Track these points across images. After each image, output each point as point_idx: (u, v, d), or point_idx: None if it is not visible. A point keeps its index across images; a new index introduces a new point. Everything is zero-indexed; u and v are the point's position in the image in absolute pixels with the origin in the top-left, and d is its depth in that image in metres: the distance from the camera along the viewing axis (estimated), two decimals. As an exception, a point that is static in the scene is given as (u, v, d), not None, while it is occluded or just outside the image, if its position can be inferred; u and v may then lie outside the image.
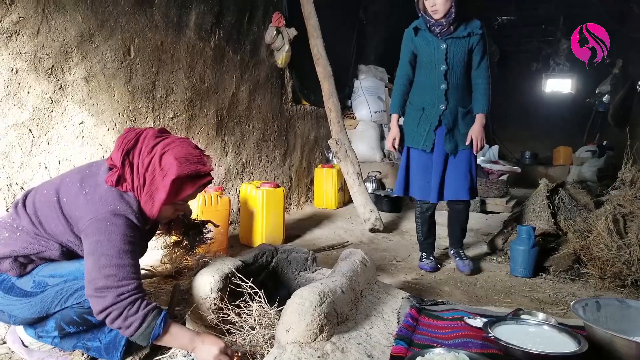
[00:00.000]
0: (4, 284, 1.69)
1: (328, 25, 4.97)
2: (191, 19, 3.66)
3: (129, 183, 1.71)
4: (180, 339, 1.65)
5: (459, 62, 2.93)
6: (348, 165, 4.46)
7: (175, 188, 1.70)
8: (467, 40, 2.91)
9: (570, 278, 3.03)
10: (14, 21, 2.36)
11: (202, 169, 1.75)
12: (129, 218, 1.65)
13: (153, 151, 1.70)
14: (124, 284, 1.56)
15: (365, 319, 1.86)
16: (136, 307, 1.56)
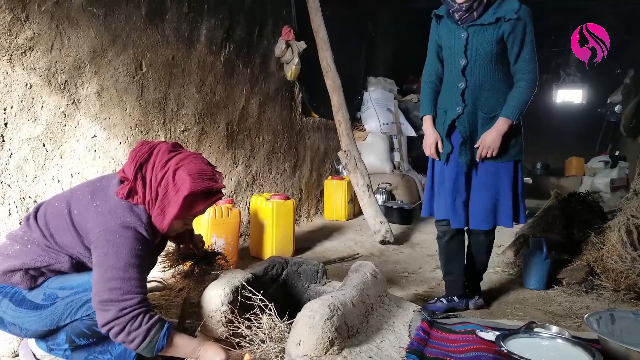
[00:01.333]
0: (16, 296, 1.70)
1: (337, 38, 5.00)
2: (202, 34, 3.70)
3: (140, 196, 1.72)
4: (183, 350, 1.67)
5: (483, 56, 2.38)
6: (358, 176, 4.46)
7: (187, 204, 1.71)
8: (496, 28, 2.32)
9: (584, 290, 2.99)
10: (28, 37, 2.40)
11: (215, 185, 1.76)
12: (138, 231, 1.66)
13: (167, 166, 1.72)
14: (127, 298, 1.57)
15: (376, 332, 1.85)
16: (139, 322, 1.57)
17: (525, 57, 2.36)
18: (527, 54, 2.36)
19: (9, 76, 2.35)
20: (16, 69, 2.37)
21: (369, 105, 6.56)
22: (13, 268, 1.68)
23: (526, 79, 2.38)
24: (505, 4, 2.33)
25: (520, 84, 2.40)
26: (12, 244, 1.72)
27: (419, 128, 6.98)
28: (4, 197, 2.35)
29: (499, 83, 2.44)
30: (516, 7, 2.30)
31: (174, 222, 1.76)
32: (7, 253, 1.70)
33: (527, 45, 2.35)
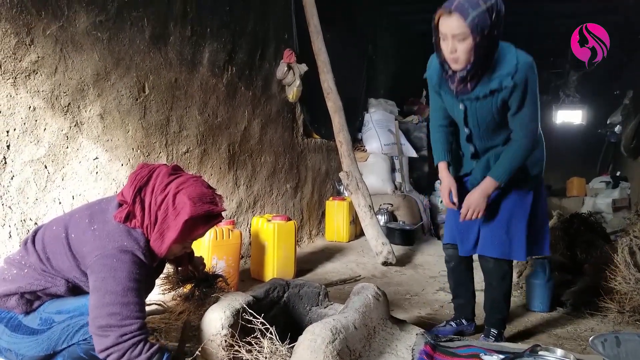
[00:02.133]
0: (11, 322, 1.68)
1: (338, 61, 5.06)
2: (205, 57, 3.75)
3: (138, 220, 1.71)
4: None
5: (486, 125, 2.20)
6: (359, 197, 4.46)
7: (187, 228, 1.70)
8: (493, 99, 2.08)
9: (588, 312, 2.96)
10: (32, 61, 2.43)
11: (215, 209, 1.75)
12: (135, 255, 1.65)
13: (166, 189, 1.71)
14: (127, 324, 1.55)
15: (379, 356, 1.83)
16: (139, 350, 1.55)
17: (524, 118, 2.11)
18: (526, 116, 2.11)
19: (13, 99, 2.37)
20: (20, 91, 2.39)
21: (370, 126, 6.60)
22: (9, 292, 1.66)
23: (522, 142, 2.15)
24: (502, 66, 2.03)
25: (515, 145, 2.17)
26: (9, 268, 1.71)
27: (420, 149, 7.01)
28: (4, 219, 2.35)
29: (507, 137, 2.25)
30: (512, 70, 2.01)
31: (173, 246, 1.75)
32: (4, 277, 1.69)
33: (527, 106, 2.09)
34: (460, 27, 1.90)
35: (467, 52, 1.95)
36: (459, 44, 1.94)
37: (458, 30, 1.91)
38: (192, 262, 2.35)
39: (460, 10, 1.89)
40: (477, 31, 1.89)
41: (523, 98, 2.06)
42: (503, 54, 2.04)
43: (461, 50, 1.95)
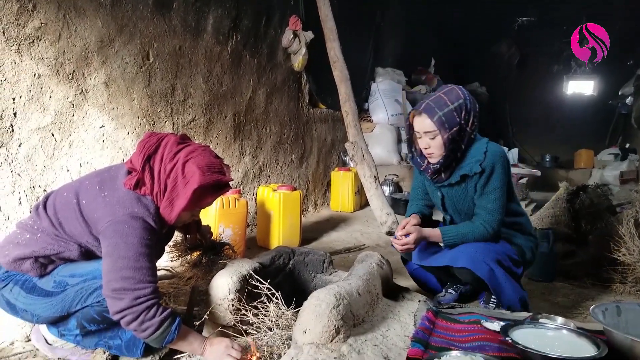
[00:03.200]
0: (27, 284, 1.73)
1: (345, 28, 4.98)
2: (209, 23, 3.70)
3: (147, 187, 1.73)
4: (191, 344, 1.71)
5: (464, 210, 2.27)
6: (365, 168, 4.45)
7: (196, 196, 1.73)
8: (466, 185, 2.18)
9: (590, 282, 2.98)
10: (36, 27, 2.41)
11: (223, 178, 1.78)
12: (146, 221, 1.68)
13: (175, 158, 1.73)
14: (141, 287, 1.59)
15: (382, 321, 1.86)
16: (153, 313, 1.60)
17: (488, 205, 2.13)
18: (489, 203, 2.13)
19: (18, 66, 2.36)
20: (24, 58, 2.38)
21: (376, 96, 6.54)
22: (23, 256, 1.70)
23: (484, 226, 2.14)
24: (471, 153, 2.14)
25: (477, 225, 2.15)
26: (22, 232, 1.75)
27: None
28: (14, 186, 2.37)
29: None
30: (480, 156, 2.10)
31: (182, 214, 1.78)
32: (17, 241, 1.73)
33: (491, 193, 2.12)
34: (430, 125, 2.08)
35: (439, 148, 2.11)
36: (431, 141, 2.12)
37: (428, 129, 2.09)
38: (199, 230, 2.38)
39: (427, 111, 2.08)
40: (444, 128, 2.06)
41: (487, 183, 2.12)
42: (475, 145, 2.16)
43: (434, 146, 2.12)
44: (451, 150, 2.11)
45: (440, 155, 2.13)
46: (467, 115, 2.10)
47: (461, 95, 2.11)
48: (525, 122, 11.08)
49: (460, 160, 2.17)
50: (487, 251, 2.12)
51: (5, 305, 1.76)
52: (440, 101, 2.09)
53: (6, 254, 1.72)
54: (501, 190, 2.13)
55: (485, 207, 2.14)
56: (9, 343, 1.92)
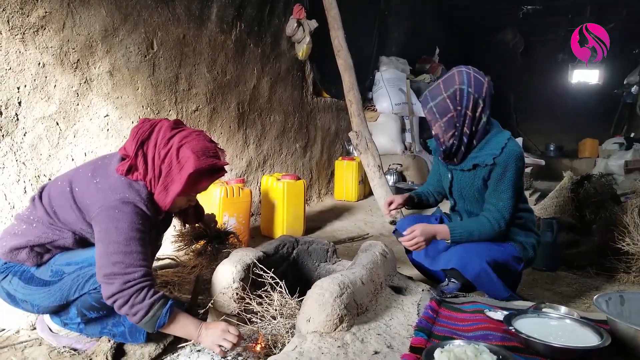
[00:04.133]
0: (25, 274, 1.74)
1: (349, 17, 4.95)
2: (213, 12, 3.68)
3: (140, 173, 1.73)
4: (185, 328, 1.69)
5: (469, 197, 2.28)
6: (369, 157, 4.45)
7: (191, 181, 1.72)
8: (475, 174, 2.19)
9: (594, 272, 2.98)
10: (40, 16, 2.41)
11: (218, 163, 1.77)
12: (137, 206, 1.68)
13: (170, 143, 1.72)
14: (131, 272, 1.59)
15: (385, 310, 1.87)
16: (142, 296, 1.60)
17: (498, 203, 2.13)
18: (500, 200, 2.12)
19: (22, 55, 2.36)
20: (29, 47, 2.38)
21: (380, 85, 6.51)
22: (19, 245, 1.72)
23: (491, 223, 2.13)
24: (488, 146, 2.14)
25: (485, 222, 2.14)
26: (19, 223, 1.76)
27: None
28: (19, 175, 2.38)
29: None
30: (497, 152, 2.10)
31: (177, 199, 1.77)
32: (14, 232, 1.74)
33: (503, 192, 2.12)
34: (426, 115, 2.18)
35: (440, 134, 2.16)
36: (434, 127, 2.18)
37: (428, 118, 2.18)
38: (203, 219, 2.39)
39: (422, 102, 2.20)
40: (436, 118, 2.13)
41: (500, 181, 2.12)
42: (496, 137, 2.15)
43: (435, 132, 2.18)
44: (452, 136, 2.13)
45: (443, 140, 2.16)
46: (467, 100, 2.07)
47: (457, 81, 2.09)
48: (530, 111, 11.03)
49: (474, 147, 2.16)
50: (481, 251, 2.11)
51: (5, 297, 1.78)
52: (435, 90, 2.14)
53: (3, 244, 1.73)
54: (513, 189, 2.12)
55: (496, 205, 2.14)
56: (14, 331, 1.94)
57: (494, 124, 2.21)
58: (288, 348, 1.55)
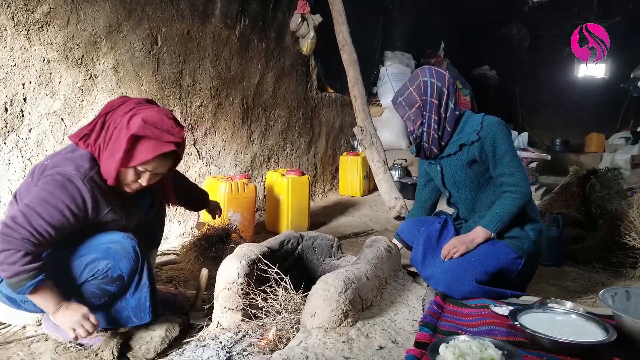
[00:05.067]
0: None
1: (354, 11, 4.92)
2: (217, 7, 3.67)
3: (92, 139, 1.71)
4: (45, 301, 1.63)
5: (463, 184, 2.26)
6: (373, 152, 4.44)
7: (132, 148, 1.66)
8: (462, 155, 2.20)
9: (600, 267, 2.97)
10: (44, 12, 2.41)
11: (166, 136, 1.68)
12: (71, 180, 1.63)
13: (129, 113, 1.68)
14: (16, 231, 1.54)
15: (390, 305, 1.87)
16: (14, 259, 1.53)
17: (505, 170, 2.13)
18: (505, 167, 2.13)
19: (27, 51, 2.37)
20: (33, 44, 2.39)
21: (385, 80, 6.49)
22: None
23: (512, 192, 2.13)
24: (467, 126, 2.20)
25: (506, 196, 2.14)
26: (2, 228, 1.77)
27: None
28: (25, 171, 2.39)
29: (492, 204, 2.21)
30: (477, 127, 2.15)
31: (122, 170, 1.71)
32: None
33: (504, 157, 2.13)
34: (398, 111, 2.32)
35: (411, 124, 2.27)
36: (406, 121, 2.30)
37: (400, 114, 2.31)
38: (208, 206, 2.39)
39: (394, 102, 2.33)
40: (404, 109, 2.27)
41: (495, 150, 2.14)
42: (472, 118, 2.24)
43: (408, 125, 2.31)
44: (421, 124, 2.24)
45: (414, 128, 2.27)
46: (431, 89, 2.21)
47: (420, 75, 2.25)
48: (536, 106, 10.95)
49: (452, 132, 2.24)
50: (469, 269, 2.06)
51: (6, 301, 1.78)
52: (403, 88, 2.29)
53: None
54: (511, 152, 2.14)
55: (504, 173, 2.14)
56: (21, 327, 1.96)
57: (467, 112, 2.29)
58: (293, 343, 1.55)
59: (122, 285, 1.79)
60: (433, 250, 2.23)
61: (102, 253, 1.74)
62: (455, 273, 2.05)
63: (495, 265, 2.10)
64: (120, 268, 1.75)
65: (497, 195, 2.21)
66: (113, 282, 1.76)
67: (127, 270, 1.77)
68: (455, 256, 2.12)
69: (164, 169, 1.79)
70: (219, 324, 1.89)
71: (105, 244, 1.76)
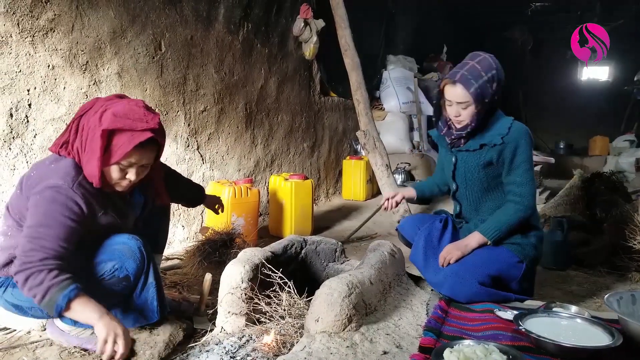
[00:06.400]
0: None
1: (356, 16, 4.93)
2: (220, 13, 3.69)
3: (71, 144, 1.71)
4: (85, 313, 1.60)
5: (473, 182, 2.22)
6: (376, 156, 4.44)
7: (108, 142, 1.64)
8: (480, 154, 2.16)
9: (605, 271, 2.95)
10: (49, 18, 2.43)
11: (140, 125, 1.66)
12: (59, 191, 1.64)
13: (101, 109, 1.67)
14: (31, 255, 1.56)
15: (394, 310, 1.87)
16: (40, 279, 1.54)
17: (516, 179, 2.12)
18: (518, 177, 2.12)
19: (32, 57, 2.38)
20: (38, 50, 2.40)
21: (388, 84, 6.49)
22: (6, 260, 1.74)
23: (516, 202, 2.12)
24: (496, 127, 2.14)
25: (509, 206, 2.13)
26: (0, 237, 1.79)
27: (438, 107, 6.90)
28: (29, 176, 2.40)
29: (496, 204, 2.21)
30: (504, 131, 2.11)
31: (107, 170, 1.69)
32: None
33: (520, 167, 2.11)
34: (465, 96, 2.07)
35: (470, 116, 2.11)
36: (462, 110, 2.11)
37: (462, 99, 2.08)
38: (205, 200, 2.40)
39: (463, 82, 2.05)
40: (478, 100, 2.06)
41: (512, 159, 2.12)
42: (501, 120, 2.18)
43: (465, 115, 2.11)
44: (479, 120, 2.12)
45: (468, 123, 2.13)
46: (497, 85, 2.10)
47: (493, 65, 2.10)
48: (539, 109, 10.93)
49: (482, 129, 2.16)
50: (472, 271, 2.05)
51: (12, 309, 1.79)
52: (474, 71, 2.06)
53: None
54: (528, 163, 2.12)
55: (515, 182, 2.13)
56: (26, 332, 1.96)
57: (498, 111, 2.22)
58: (297, 348, 1.55)
59: (128, 286, 1.80)
60: (434, 250, 2.24)
61: (108, 254, 1.76)
62: (457, 276, 2.05)
63: (497, 268, 2.10)
64: (127, 268, 1.76)
65: (502, 201, 2.20)
66: (120, 282, 1.77)
67: (134, 270, 1.77)
68: (450, 262, 2.11)
69: (148, 160, 1.77)
70: (223, 328, 1.89)
71: (111, 246, 1.78)
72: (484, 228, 2.14)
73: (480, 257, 2.11)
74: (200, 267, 2.60)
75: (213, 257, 2.62)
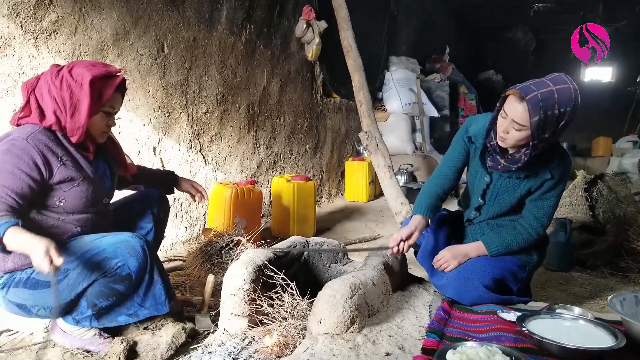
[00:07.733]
0: (29, 282, 1.75)
1: (359, 17, 4.94)
2: (222, 14, 3.70)
3: (35, 116, 1.75)
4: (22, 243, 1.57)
5: (502, 203, 2.09)
6: (379, 158, 4.43)
7: (95, 92, 1.76)
8: (520, 183, 2.02)
9: (608, 272, 2.95)
10: (52, 20, 2.44)
11: (111, 69, 1.83)
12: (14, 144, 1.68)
13: (60, 73, 1.77)
14: None
15: (397, 311, 1.86)
16: None
17: (540, 211, 2.02)
18: (541, 209, 2.02)
19: (35, 59, 2.39)
20: (41, 52, 2.41)
21: (390, 85, 6.50)
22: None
23: (530, 231, 2.03)
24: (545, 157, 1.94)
25: (521, 230, 2.04)
26: None
27: (441, 108, 6.90)
28: (33, 178, 2.41)
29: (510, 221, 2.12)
30: (553, 164, 1.96)
31: (92, 121, 1.80)
32: None
33: (549, 199, 2.01)
34: (524, 120, 1.80)
35: (517, 140, 1.87)
36: (513, 131, 1.85)
37: (519, 120, 1.81)
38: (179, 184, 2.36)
39: (531, 104, 1.77)
40: (536, 132, 1.81)
41: (550, 191, 2.01)
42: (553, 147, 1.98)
43: (512, 136, 1.86)
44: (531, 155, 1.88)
45: (512, 146, 1.91)
46: (566, 125, 1.86)
47: (572, 100, 1.83)
48: (542, 110, 10.95)
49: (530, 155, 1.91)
50: (477, 273, 2.03)
51: (17, 309, 1.79)
52: (549, 99, 1.79)
53: None
54: (558, 199, 2.05)
55: (535, 214, 2.04)
56: (28, 333, 1.97)
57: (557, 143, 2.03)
58: (299, 350, 1.55)
59: (129, 285, 1.80)
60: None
61: (111, 252, 1.76)
62: (463, 280, 2.03)
63: (501, 272, 2.08)
64: (129, 266, 1.76)
65: (519, 214, 2.12)
66: (122, 280, 1.77)
67: (136, 269, 1.78)
68: (446, 271, 2.07)
69: (120, 104, 1.93)
70: (226, 330, 1.89)
71: (113, 244, 1.78)
72: (489, 242, 2.07)
73: (486, 261, 2.09)
74: (202, 268, 2.60)
75: (215, 259, 2.62)
